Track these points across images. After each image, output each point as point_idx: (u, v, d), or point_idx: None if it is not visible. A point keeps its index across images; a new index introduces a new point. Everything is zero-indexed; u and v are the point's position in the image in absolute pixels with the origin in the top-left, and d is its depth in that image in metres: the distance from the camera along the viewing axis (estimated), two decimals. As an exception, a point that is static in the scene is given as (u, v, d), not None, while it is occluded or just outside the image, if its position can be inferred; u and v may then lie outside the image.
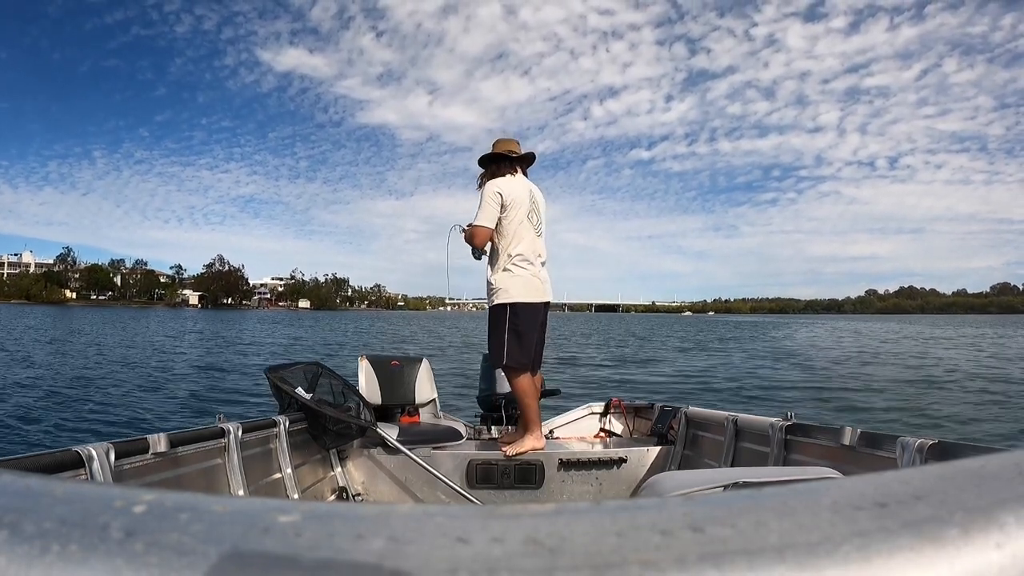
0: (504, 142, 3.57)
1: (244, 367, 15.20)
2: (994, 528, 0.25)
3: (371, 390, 3.76)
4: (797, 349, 24.47)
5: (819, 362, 18.54)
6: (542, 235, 3.51)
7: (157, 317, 66.00)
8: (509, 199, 3.35)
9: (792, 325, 66.15)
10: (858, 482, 0.30)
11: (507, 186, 3.38)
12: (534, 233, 3.44)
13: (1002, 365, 17.00)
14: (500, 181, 3.40)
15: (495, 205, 3.35)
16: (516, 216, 3.37)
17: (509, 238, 3.38)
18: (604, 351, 23.73)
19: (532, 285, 3.41)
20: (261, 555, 0.24)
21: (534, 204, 3.47)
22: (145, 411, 8.65)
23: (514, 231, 3.37)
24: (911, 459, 2.11)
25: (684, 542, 0.25)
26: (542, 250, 3.50)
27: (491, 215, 3.36)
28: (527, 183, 3.50)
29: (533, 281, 3.42)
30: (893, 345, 27.41)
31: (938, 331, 47.11)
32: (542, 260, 3.49)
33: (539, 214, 3.50)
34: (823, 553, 0.24)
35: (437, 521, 0.26)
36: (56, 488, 0.30)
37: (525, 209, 3.39)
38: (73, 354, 17.69)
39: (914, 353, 22.25)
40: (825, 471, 1.67)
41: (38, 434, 7.04)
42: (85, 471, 1.88)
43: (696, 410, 3.55)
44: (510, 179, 3.43)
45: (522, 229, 3.38)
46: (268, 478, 2.94)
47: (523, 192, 3.42)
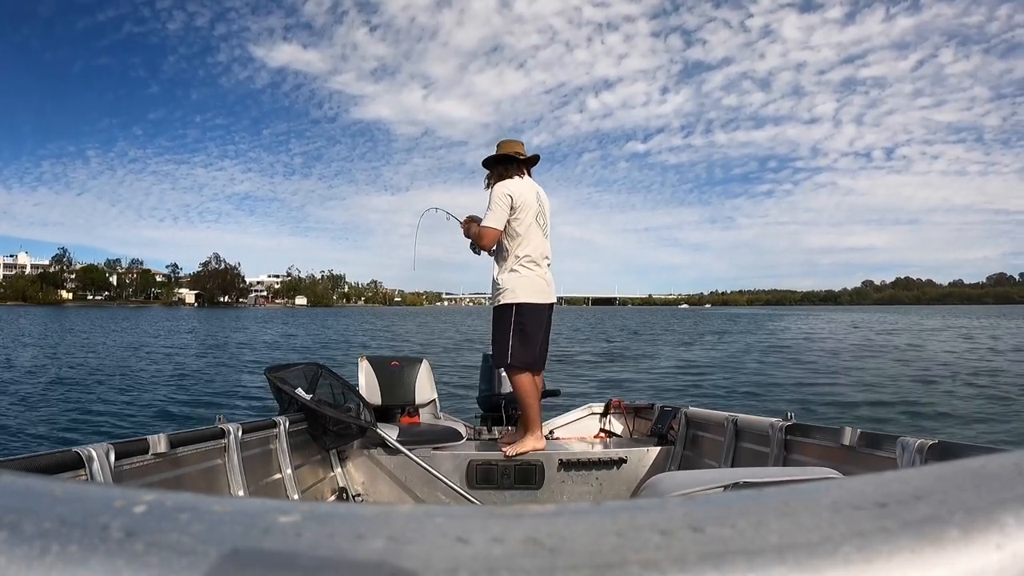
0: (510, 143, 3.58)
1: (234, 368, 15.12)
2: (994, 528, 0.25)
3: (371, 391, 3.76)
4: (787, 343, 24.52)
5: (810, 356, 18.60)
6: (548, 236, 3.55)
7: (152, 317, 65.67)
8: (519, 201, 3.38)
9: (787, 317, 66.38)
10: (858, 482, 0.30)
11: (517, 188, 3.40)
12: (542, 235, 3.48)
13: (993, 358, 17.08)
14: (510, 183, 3.42)
15: (505, 207, 3.37)
16: (526, 218, 3.40)
17: (518, 240, 3.41)
18: (591, 346, 23.73)
19: (539, 286, 3.45)
20: (261, 555, 0.24)
21: (541, 206, 3.50)
22: (125, 416, 8.49)
23: (524, 233, 3.41)
24: (911, 459, 2.11)
25: (684, 542, 0.25)
26: (549, 252, 3.55)
27: (501, 217, 3.38)
28: (534, 185, 3.54)
29: (540, 282, 3.45)
30: (891, 337, 27.54)
31: (934, 321, 47.55)
32: (548, 262, 3.54)
33: (546, 216, 3.54)
34: (823, 553, 0.24)
35: (437, 521, 0.26)
36: (56, 488, 0.30)
37: (534, 211, 3.43)
38: (61, 356, 17.58)
39: (909, 344, 22.44)
40: (825, 471, 1.67)
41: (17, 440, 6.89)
42: (85, 471, 1.88)
43: (696, 410, 3.55)
44: (519, 181, 3.46)
45: (531, 231, 3.42)
46: (268, 478, 2.94)
47: (532, 194, 3.45)
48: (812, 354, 19.14)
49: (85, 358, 16.80)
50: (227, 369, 14.84)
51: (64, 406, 9.00)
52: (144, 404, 9.31)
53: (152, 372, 13.69)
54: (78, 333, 29.86)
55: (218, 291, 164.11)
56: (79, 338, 25.91)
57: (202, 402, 9.48)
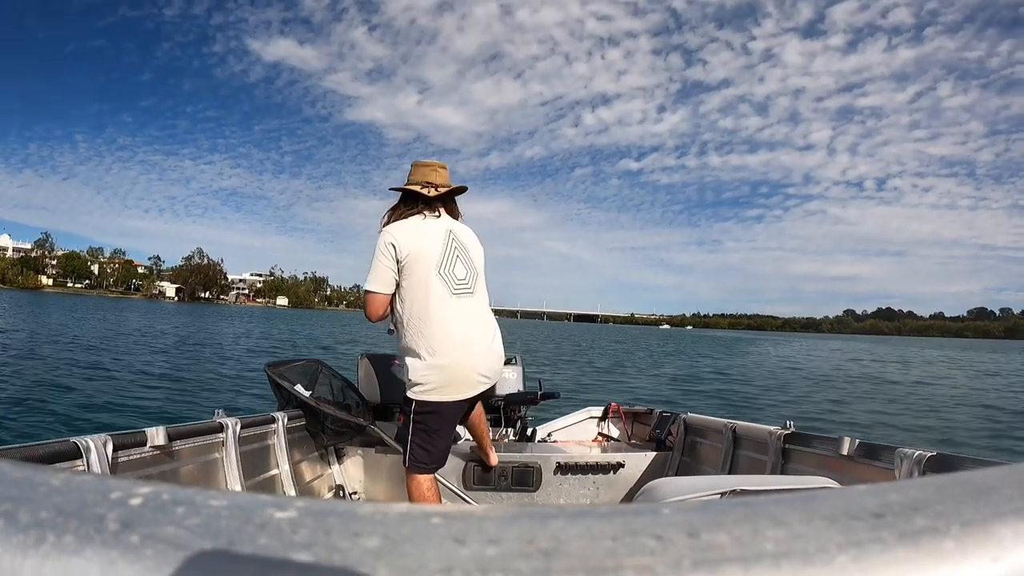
0: (422, 168, 2.70)
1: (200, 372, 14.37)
2: (991, 542, 0.25)
3: (370, 388, 3.76)
4: (742, 367, 24.51)
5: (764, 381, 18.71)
6: (473, 292, 2.63)
7: (131, 308, 64.79)
8: (406, 251, 2.53)
9: (762, 343, 67.08)
10: (855, 492, 0.29)
11: (406, 234, 2.57)
12: (448, 293, 2.55)
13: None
14: (396, 228, 2.59)
15: (387, 261, 2.56)
16: (419, 273, 2.54)
17: (413, 306, 2.56)
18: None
19: (450, 376, 2.56)
20: (257, 550, 0.24)
21: (456, 250, 2.63)
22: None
23: (422, 296, 2.54)
24: (909, 471, 2.12)
25: (679, 548, 0.25)
26: (469, 315, 2.62)
27: (382, 276, 2.57)
28: (446, 224, 2.66)
29: (451, 371, 2.55)
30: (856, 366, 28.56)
31: (910, 352, 48.62)
32: (466, 331, 2.58)
33: (469, 263, 2.65)
34: (818, 563, 0.24)
35: (433, 521, 0.26)
36: (53, 478, 0.30)
37: (434, 261, 2.55)
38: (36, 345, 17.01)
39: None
40: (823, 481, 1.68)
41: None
42: (82, 462, 1.89)
43: (695, 416, 3.57)
44: (414, 223, 2.62)
45: (432, 291, 2.53)
46: (265, 474, 2.94)
47: (434, 238, 2.60)
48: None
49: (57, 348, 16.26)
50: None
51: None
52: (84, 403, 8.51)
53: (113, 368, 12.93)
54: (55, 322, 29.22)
55: (199, 286, 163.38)
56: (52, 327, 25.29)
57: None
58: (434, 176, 2.65)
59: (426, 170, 2.66)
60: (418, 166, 2.69)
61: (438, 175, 2.66)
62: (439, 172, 2.67)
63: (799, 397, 14.10)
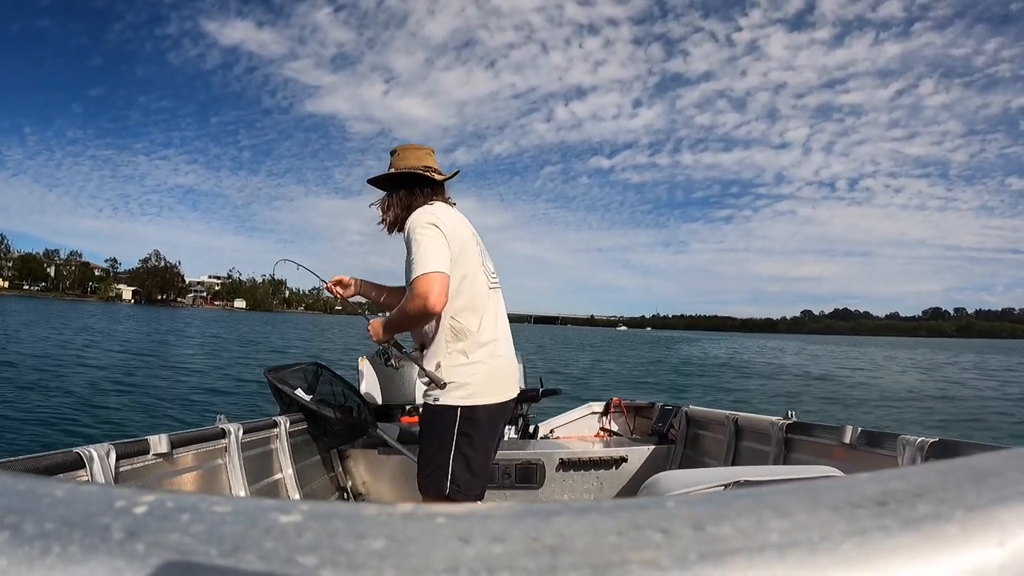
0: (416, 151, 2.41)
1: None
2: (995, 526, 0.25)
3: (372, 390, 3.76)
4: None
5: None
6: (498, 288, 2.43)
7: (87, 312, 62.92)
8: (455, 236, 2.23)
9: (701, 342, 68.13)
10: (858, 480, 0.30)
11: (447, 218, 2.26)
12: (487, 287, 2.34)
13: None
14: (431, 210, 2.25)
15: (441, 242, 2.19)
16: (469, 264, 2.28)
17: (460, 300, 2.26)
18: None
19: (499, 375, 2.30)
20: (262, 555, 0.24)
21: (480, 246, 2.39)
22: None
23: (468, 289, 2.28)
24: (912, 457, 2.14)
25: (685, 541, 0.25)
26: (502, 314, 2.44)
27: (443, 255, 2.17)
28: (463, 217, 2.40)
29: (500, 369, 2.31)
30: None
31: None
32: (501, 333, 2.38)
33: (488, 260, 2.44)
34: (824, 552, 0.24)
35: (438, 521, 0.26)
36: (57, 489, 0.30)
37: (476, 254, 2.32)
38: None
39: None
40: (826, 470, 1.69)
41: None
42: (86, 472, 1.89)
43: (696, 409, 3.60)
44: (445, 209, 2.31)
45: (478, 284, 2.29)
46: (269, 479, 2.94)
47: (468, 230, 2.34)
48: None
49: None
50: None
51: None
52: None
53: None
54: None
55: (156, 289, 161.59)
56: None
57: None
58: (431, 160, 2.39)
59: (421, 154, 2.38)
60: (410, 150, 2.39)
61: (433, 159, 2.41)
62: (433, 156, 2.42)
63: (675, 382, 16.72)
